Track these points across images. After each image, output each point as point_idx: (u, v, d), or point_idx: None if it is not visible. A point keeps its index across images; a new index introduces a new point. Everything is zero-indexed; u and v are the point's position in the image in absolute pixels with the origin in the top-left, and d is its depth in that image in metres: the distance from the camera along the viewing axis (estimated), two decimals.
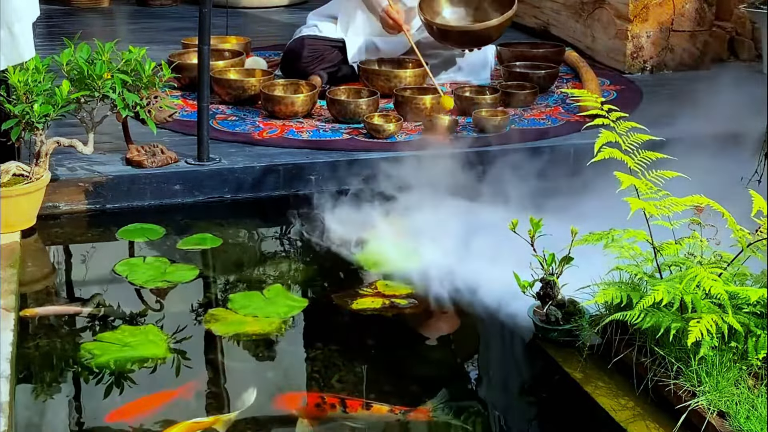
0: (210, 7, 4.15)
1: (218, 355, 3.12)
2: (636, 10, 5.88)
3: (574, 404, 2.86)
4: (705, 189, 2.93)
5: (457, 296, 3.37)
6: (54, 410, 2.79)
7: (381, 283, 3.50)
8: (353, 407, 2.79)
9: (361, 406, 2.80)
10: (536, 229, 3.02)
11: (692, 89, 5.42)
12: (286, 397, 2.88)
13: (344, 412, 2.77)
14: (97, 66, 3.87)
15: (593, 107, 3.01)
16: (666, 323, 2.66)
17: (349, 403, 2.80)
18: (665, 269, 2.87)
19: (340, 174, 4.38)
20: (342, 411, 2.77)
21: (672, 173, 2.93)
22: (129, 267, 3.62)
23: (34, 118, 3.72)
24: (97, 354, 3.02)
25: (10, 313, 3.11)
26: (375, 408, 2.78)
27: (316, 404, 2.81)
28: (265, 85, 4.95)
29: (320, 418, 2.77)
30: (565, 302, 3.08)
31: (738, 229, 2.80)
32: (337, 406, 2.79)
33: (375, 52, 5.49)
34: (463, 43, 5.35)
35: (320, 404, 2.80)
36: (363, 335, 3.25)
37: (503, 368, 3.19)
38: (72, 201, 4.09)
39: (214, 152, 4.34)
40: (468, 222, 3.79)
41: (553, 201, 3.80)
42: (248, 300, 3.39)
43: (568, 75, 5.79)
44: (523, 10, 7.10)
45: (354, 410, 2.78)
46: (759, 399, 2.57)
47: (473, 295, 3.33)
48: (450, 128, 4.63)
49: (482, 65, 5.61)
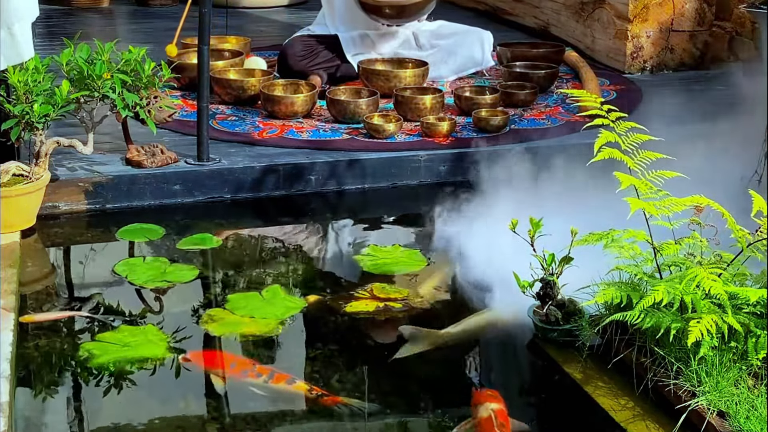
0: (210, 7, 4.15)
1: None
2: (636, 10, 5.87)
3: (574, 404, 2.86)
4: (705, 189, 2.93)
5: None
6: (54, 410, 2.79)
7: (377, 286, 3.49)
8: (278, 380, 2.89)
9: (286, 381, 2.89)
10: (536, 229, 3.02)
11: (692, 89, 5.42)
12: (196, 355, 3.02)
13: (266, 383, 2.88)
14: (96, 66, 3.87)
15: (593, 107, 3.01)
16: (666, 323, 2.66)
17: (276, 375, 2.90)
18: (665, 269, 2.87)
19: (339, 174, 4.38)
20: (265, 381, 2.89)
21: (672, 173, 2.93)
22: (129, 267, 3.62)
23: (34, 118, 3.72)
24: (97, 354, 3.02)
25: (10, 313, 3.11)
26: (297, 385, 2.87)
27: (243, 370, 2.96)
28: (265, 85, 4.95)
29: (239, 380, 2.91)
30: (565, 302, 3.08)
31: (738, 229, 2.80)
32: (264, 375, 2.91)
33: (371, 45, 5.49)
34: (389, 16, 5.35)
35: (247, 370, 2.94)
36: (358, 337, 3.25)
37: (503, 368, 3.19)
38: (72, 201, 4.08)
39: (214, 152, 4.34)
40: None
41: (552, 201, 3.80)
42: (246, 301, 3.39)
43: (568, 75, 5.79)
44: (523, 10, 7.10)
45: (277, 382, 2.88)
46: (759, 399, 2.57)
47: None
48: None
49: (480, 53, 5.59)
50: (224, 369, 3.00)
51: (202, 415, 2.78)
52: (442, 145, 4.57)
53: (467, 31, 5.64)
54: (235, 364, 3.02)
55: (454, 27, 5.69)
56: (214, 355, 3.10)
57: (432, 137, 4.62)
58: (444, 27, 5.67)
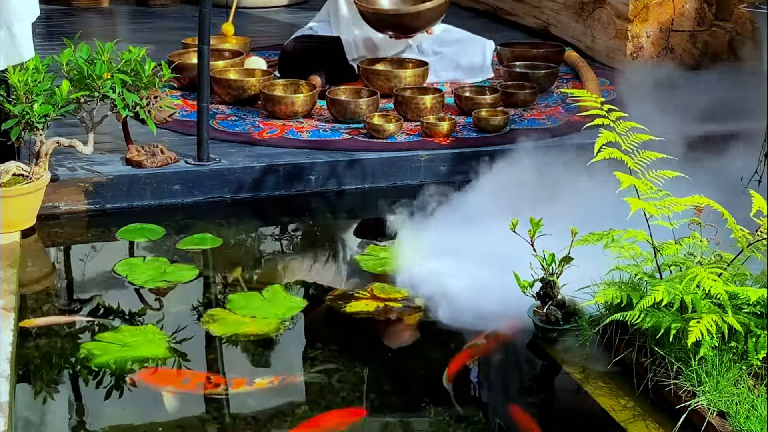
0: (210, 7, 4.15)
1: (217, 355, 3.12)
2: (636, 10, 5.87)
3: (574, 404, 2.86)
4: (704, 189, 2.93)
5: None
6: (54, 410, 2.79)
7: (377, 286, 3.49)
8: (237, 385, 2.89)
9: (246, 383, 2.90)
10: (536, 229, 3.02)
11: (692, 89, 5.41)
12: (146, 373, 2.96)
13: (226, 391, 2.87)
14: (96, 66, 3.87)
15: (593, 107, 3.01)
16: (666, 323, 2.66)
17: (234, 381, 2.91)
18: (665, 269, 2.87)
19: (339, 174, 4.38)
20: (225, 389, 2.88)
21: (672, 173, 2.93)
22: (129, 267, 3.62)
23: (34, 118, 3.72)
24: (97, 354, 3.02)
25: (10, 313, 3.11)
26: (257, 383, 2.88)
27: (198, 383, 2.91)
28: (265, 85, 4.95)
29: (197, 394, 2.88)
30: (565, 302, 3.08)
31: (738, 229, 2.80)
32: (222, 384, 2.90)
33: (373, 49, 5.49)
34: (395, 29, 5.35)
35: (204, 383, 2.90)
36: (357, 337, 3.25)
37: (503, 368, 3.19)
38: (72, 201, 4.08)
39: (214, 152, 4.34)
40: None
41: (552, 201, 3.80)
42: (247, 300, 3.39)
43: (568, 75, 5.79)
44: (524, 10, 7.10)
45: (237, 387, 2.88)
46: (759, 399, 2.57)
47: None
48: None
49: (481, 62, 5.62)
50: (177, 386, 2.92)
51: (202, 415, 2.78)
52: (442, 145, 4.57)
53: (471, 39, 5.62)
54: (188, 379, 2.95)
55: (458, 33, 5.68)
56: (166, 373, 3.00)
57: (432, 137, 4.63)
58: (448, 32, 5.66)
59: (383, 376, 3.01)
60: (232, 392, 2.87)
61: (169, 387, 2.89)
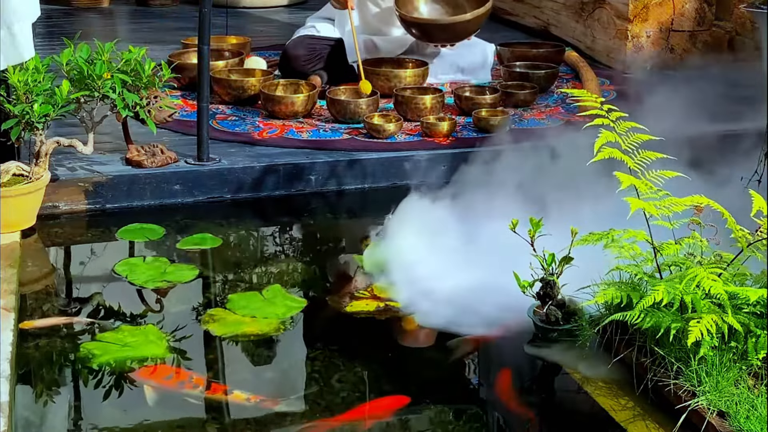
0: (210, 7, 4.15)
1: (217, 355, 3.12)
2: (636, 10, 5.88)
3: (574, 404, 2.86)
4: (704, 189, 2.93)
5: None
6: (54, 410, 2.79)
7: (377, 286, 3.49)
8: (215, 391, 2.87)
9: (224, 392, 2.88)
10: (536, 229, 3.02)
11: (692, 89, 5.41)
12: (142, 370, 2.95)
13: (202, 393, 2.86)
14: (96, 66, 3.87)
15: (593, 107, 3.01)
16: (666, 323, 2.66)
17: (213, 386, 2.89)
18: (665, 269, 2.87)
19: (339, 174, 4.38)
20: (202, 391, 2.87)
21: (672, 173, 2.93)
22: (129, 267, 3.62)
23: (34, 118, 3.72)
24: (97, 354, 3.02)
25: (10, 313, 3.11)
26: (234, 395, 2.85)
27: (180, 381, 2.91)
28: (265, 85, 4.95)
29: (174, 391, 2.87)
30: (565, 302, 3.08)
31: (738, 229, 2.80)
32: (201, 386, 2.89)
33: (374, 51, 5.49)
34: (439, 39, 5.35)
35: (184, 381, 2.90)
36: (358, 337, 3.25)
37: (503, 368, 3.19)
38: (72, 201, 4.08)
39: (214, 152, 4.34)
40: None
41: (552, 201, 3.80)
42: (247, 300, 3.39)
43: (568, 75, 5.79)
44: (523, 10, 7.10)
45: (214, 393, 2.86)
46: (759, 399, 2.57)
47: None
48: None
49: (482, 65, 5.62)
50: (159, 380, 2.92)
51: (202, 415, 2.78)
52: (442, 145, 4.57)
53: (472, 43, 5.61)
54: (171, 375, 2.95)
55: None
56: (150, 368, 3.00)
57: (432, 137, 4.63)
58: None
59: (383, 376, 3.01)
60: (208, 396, 2.86)
61: (149, 380, 2.90)
